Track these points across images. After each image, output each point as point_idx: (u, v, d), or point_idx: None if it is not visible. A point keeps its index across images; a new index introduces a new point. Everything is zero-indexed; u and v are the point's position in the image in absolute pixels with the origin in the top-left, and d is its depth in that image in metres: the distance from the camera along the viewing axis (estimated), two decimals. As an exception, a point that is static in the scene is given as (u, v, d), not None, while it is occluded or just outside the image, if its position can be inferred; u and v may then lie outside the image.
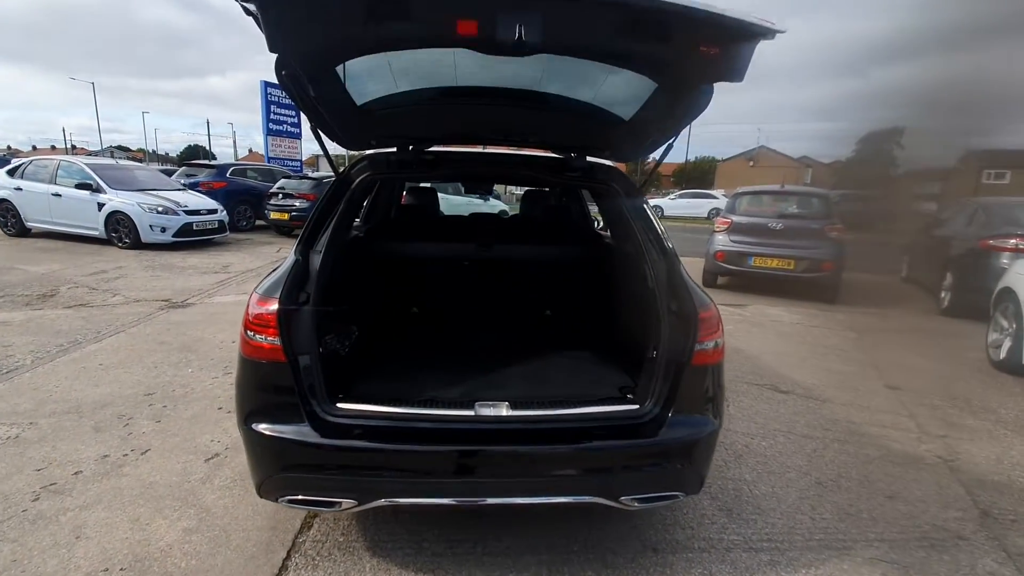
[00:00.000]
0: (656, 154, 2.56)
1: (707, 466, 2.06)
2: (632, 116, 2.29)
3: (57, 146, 73.33)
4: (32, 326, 5.09)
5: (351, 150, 2.69)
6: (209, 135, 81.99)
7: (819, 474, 2.97)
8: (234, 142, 62.68)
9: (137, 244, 9.67)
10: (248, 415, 1.88)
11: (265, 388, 1.90)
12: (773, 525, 2.49)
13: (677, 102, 2.03)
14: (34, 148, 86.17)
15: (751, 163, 47.27)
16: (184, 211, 10.12)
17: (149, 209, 9.70)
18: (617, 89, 2.12)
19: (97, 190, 9.85)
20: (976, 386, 4.55)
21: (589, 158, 2.47)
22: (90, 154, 47.84)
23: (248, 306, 1.92)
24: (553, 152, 2.69)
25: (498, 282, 3.60)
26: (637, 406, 2.02)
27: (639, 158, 2.76)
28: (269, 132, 19.38)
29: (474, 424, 1.90)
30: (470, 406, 1.98)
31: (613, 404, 2.08)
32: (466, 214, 4.58)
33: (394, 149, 2.39)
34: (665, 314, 2.05)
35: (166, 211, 9.86)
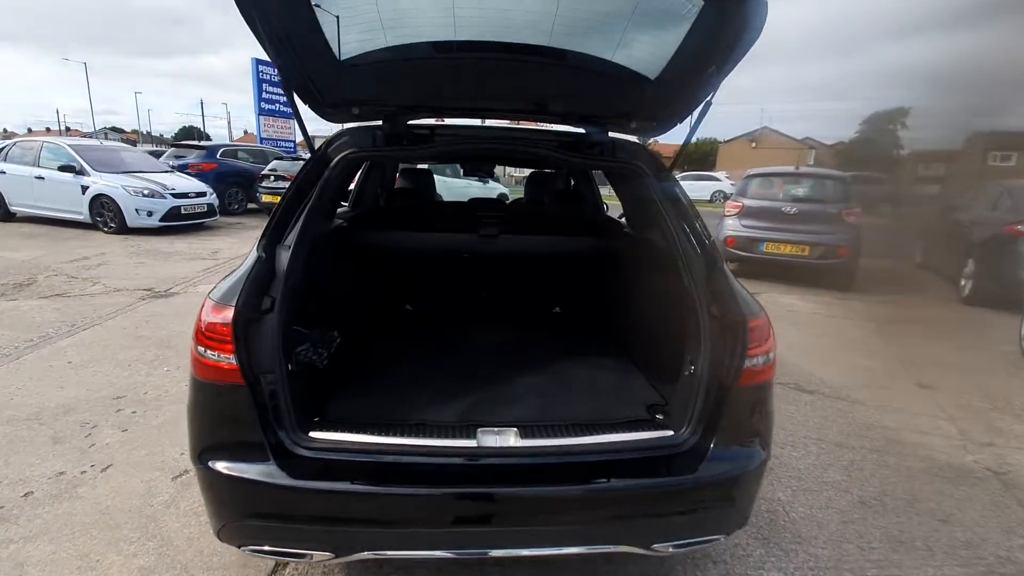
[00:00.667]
0: (688, 123, 2.18)
1: (752, 503, 1.74)
2: (662, 71, 1.90)
3: (52, 128, 72.30)
4: (4, 319, 4.75)
5: (331, 120, 2.27)
6: (203, 115, 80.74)
7: (861, 491, 2.66)
8: (228, 122, 61.37)
9: (123, 229, 9.28)
10: (203, 450, 1.54)
11: (221, 418, 1.56)
12: (817, 557, 2.18)
13: (724, 28, 1.61)
14: (29, 131, 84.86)
15: (754, 144, 46.34)
16: (172, 194, 9.70)
17: (135, 192, 9.29)
18: (644, 33, 1.72)
19: (81, 172, 9.43)
20: (1015, 384, 4.23)
21: (611, 133, 2.09)
22: (84, 135, 47.01)
23: (200, 314, 1.56)
24: (567, 125, 2.30)
25: (501, 277, 3.24)
26: (671, 432, 1.69)
27: (668, 129, 2.33)
28: (261, 112, 18.79)
29: (476, 459, 1.57)
30: (471, 433, 1.65)
31: (643, 430, 1.74)
32: (465, 199, 4.18)
33: (380, 122, 2.02)
34: (706, 321, 1.71)
35: (152, 194, 9.44)
